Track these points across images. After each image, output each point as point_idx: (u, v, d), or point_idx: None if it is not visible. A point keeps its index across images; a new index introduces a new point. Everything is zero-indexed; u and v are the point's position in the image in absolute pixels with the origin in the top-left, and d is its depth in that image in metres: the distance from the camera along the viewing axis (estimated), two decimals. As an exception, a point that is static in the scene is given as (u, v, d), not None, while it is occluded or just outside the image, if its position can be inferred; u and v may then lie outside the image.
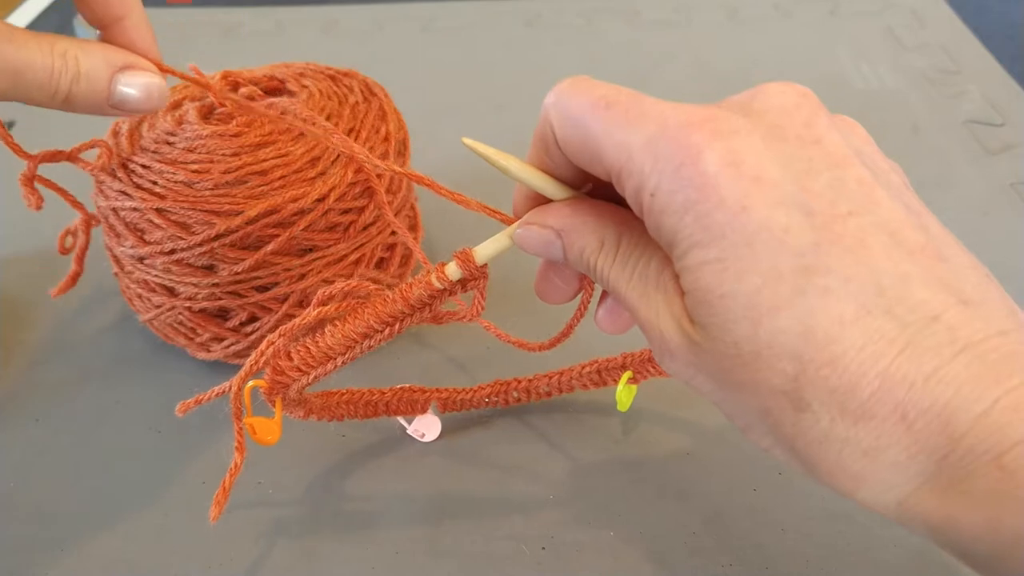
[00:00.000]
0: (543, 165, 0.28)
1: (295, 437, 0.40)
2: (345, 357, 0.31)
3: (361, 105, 0.45)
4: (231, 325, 0.43)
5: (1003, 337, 0.21)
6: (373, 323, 0.31)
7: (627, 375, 0.39)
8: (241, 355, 0.44)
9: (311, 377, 0.31)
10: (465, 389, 0.42)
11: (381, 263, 0.46)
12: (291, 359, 0.31)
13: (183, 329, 0.44)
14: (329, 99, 0.45)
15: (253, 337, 0.43)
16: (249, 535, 0.38)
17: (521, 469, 0.40)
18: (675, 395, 0.43)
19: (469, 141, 0.28)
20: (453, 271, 0.30)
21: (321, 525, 0.38)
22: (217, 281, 0.40)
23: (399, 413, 0.41)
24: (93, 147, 0.41)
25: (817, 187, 0.23)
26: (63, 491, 0.40)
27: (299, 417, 0.35)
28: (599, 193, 0.29)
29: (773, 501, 0.38)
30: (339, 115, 0.44)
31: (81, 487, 0.40)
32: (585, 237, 0.27)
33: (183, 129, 0.42)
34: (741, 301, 0.22)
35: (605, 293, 0.31)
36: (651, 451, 0.41)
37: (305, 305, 0.43)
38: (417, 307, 0.31)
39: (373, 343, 0.31)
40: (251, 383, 0.31)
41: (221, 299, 0.42)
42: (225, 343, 0.44)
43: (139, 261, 0.41)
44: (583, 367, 0.41)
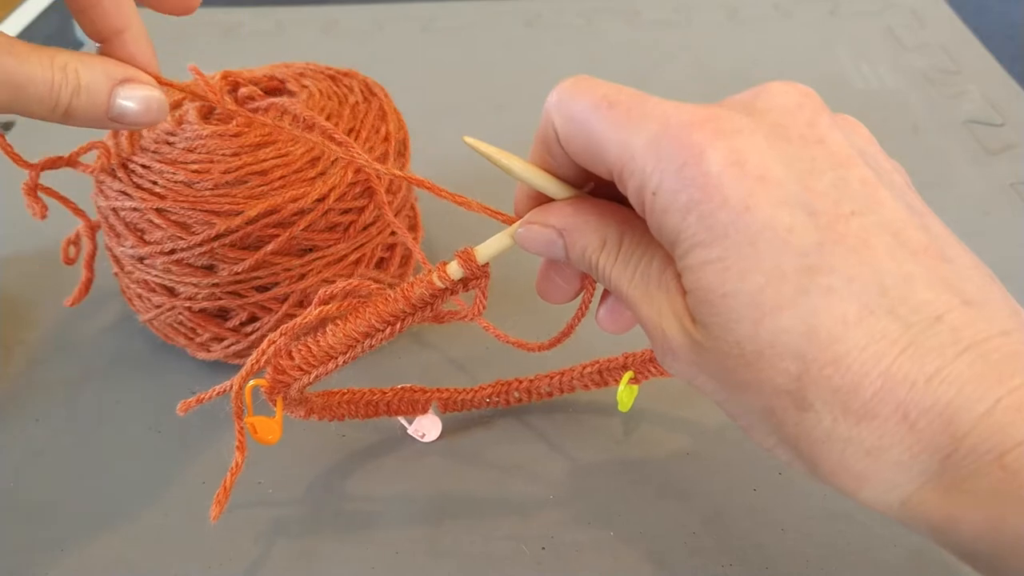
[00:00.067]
0: (545, 164, 0.28)
1: (295, 437, 0.40)
2: (346, 356, 0.31)
3: (361, 105, 0.45)
4: (231, 325, 0.43)
5: (1006, 337, 0.21)
6: (374, 322, 0.31)
7: (628, 375, 0.39)
8: (241, 355, 0.44)
9: (312, 376, 0.31)
10: (466, 389, 0.42)
11: (381, 263, 0.46)
12: (292, 358, 0.31)
13: (183, 329, 0.44)
14: (329, 99, 0.45)
15: (253, 337, 0.43)
16: (249, 535, 0.38)
17: (521, 469, 0.40)
18: (676, 395, 0.43)
19: (471, 140, 0.28)
20: (455, 270, 0.30)
21: (321, 525, 0.38)
22: (217, 281, 0.40)
23: (400, 413, 0.41)
24: (92, 149, 0.41)
25: (821, 187, 0.23)
26: (63, 491, 0.40)
27: (300, 416, 0.35)
28: (601, 192, 0.29)
29: (773, 501, 0.38)
30: (339, 115, 0.44)
31: (81, 487, 0.40)
32: (587, 236, 0.27)
33: (183, 129, 0.42)
34: (744, 300, 0.22)
35: (606, 292, 0.31)
36: (652, 451, 0.41)
37: (305, 305, 0.43)
38: (418, 306, 0.31)
39: (374, 342, 0.31)
40: (252, 382, 0.31)
41: (221, 299, 0.42)
42: (225, 343, 0.44)
43: (139, 261, 0.41)
44: (584, 367, 0.41)
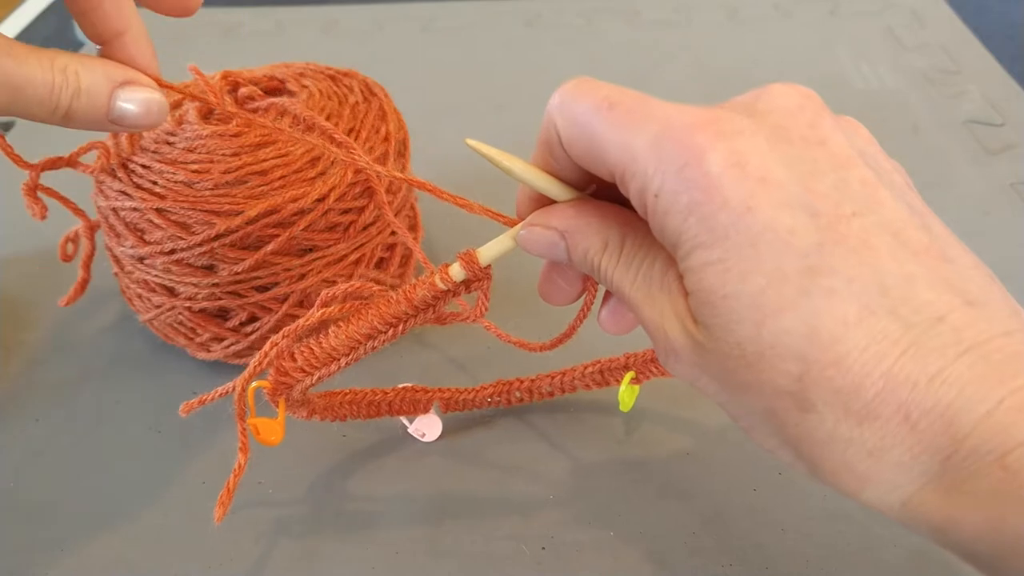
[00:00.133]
0: (547, 166, 0.28)
1: (296, 437, 0.40)
2: (349, 358, 0.31)
3: (361, 105, 0.45)
4: (231, 325, 0.43)
5: (1007, 338, 0.21)
6: (377, 324, 0.31)
7: (630, 375, 0.39)
8: (241, 355, 0.44)
9: (315, 378, 0.31)
10: (467, 389, 0.42)
11: (381, 263, 0.46)
12: (295, 360, 0.31)
13: (183, 329, 0.44)
14: (329, 99, 0.45)
15: (253, 337, 0.43)
16: (249, 535, 0.38)
17: (521, 469, 0.40)
18: (677, 395, 0.43)
19: (473, 142, 0.28)
20: (457, 272, 0.30)
21: (322, 525, 0.38)
22: (217, 281, 0.40)
23: (402, 413, 0.41)
24: (92, 150, 0.41)
25: (822, 188, 0.23)
26: (63, 491, 0.40)
27: (302, 417, 0.35)
28: (603, 194, 0.29)
29: (773, 501, 0.38)
30: (339, 115, 0.44)
31: (81, 487, 0.40)
32: (589, 238, 0.27)
33: (183, 129, 0.42)
34: (745, 302, 0.22)
35: (608, 294, 0.31)
36: (653, 451, 0.41)
37: (305, 305, 0.43)
38: (421, 308, 0.31)
39: (377, 344, 0.31)
40: (255, 384, 0.31)
41: (221, 299, 0.42)
42: (225, 343, 0.44)
43: (139, 261, 0.41)
44: (586, 367, 0.41)
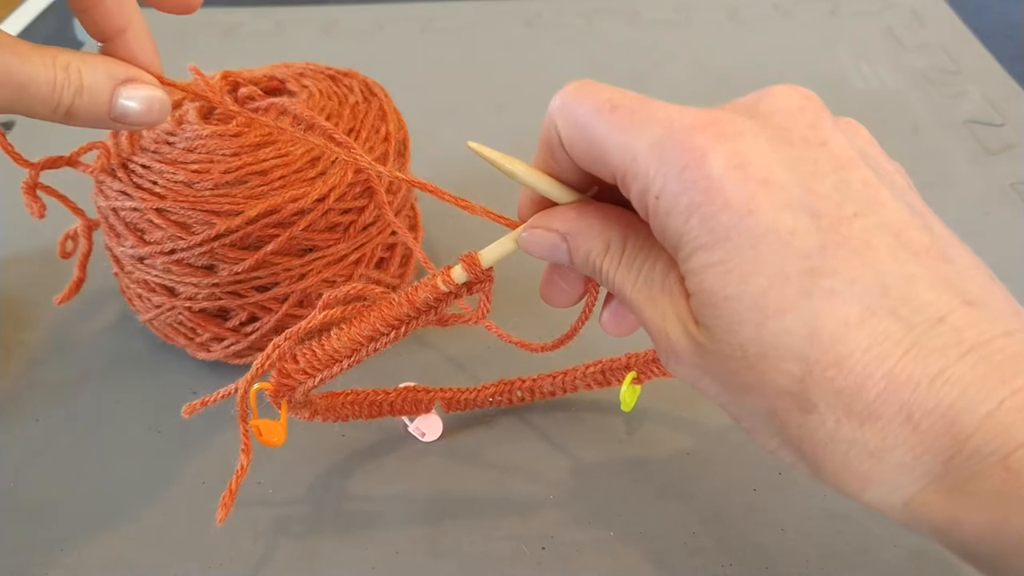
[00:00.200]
0: (549, 168, 0.28)
1: (295, 437, 0.39)
2: (351, 360, 0.31)
3: (361, 105, 0.45)
4: (231, 325, 0.43)
5: (1008, 338, 0.21)
6: (379, 326, 0.31)
7: (631, 375, 0.39)
8: (241, 355, 0.44)
9: (317, 380, 0.31)
10: (469, 389, 0.42)
11: (381, 263, 0.46)
12: (297, 362, 0.31)
13: (183, 329, 0.44)
14: (329, 99, 0.45)
15: (253, 337, 0.43)
16: (249, 535, 0.38)
17: (521, 469, 0.40)
18: (679, 395, 0.43)
19: (475, 145, 0.28)
20: (459, 274, 0.30)
21: (321, 525, 0.38)
22: (217, 281, 0.40)
23: (403, 413, 0.41)
24: (92, 149, 0.41)
25: (823, 189, 0.23)
26: (63, 491, 0.40)
27: (304, 418, 0.35)
28: (604, 196, 0.29)
29: (773, 501, 0.38)
30: (339, 115, 0.44)
31: (81, 487, 0.40)
32: (591, 240, 0.27)
33: (183, 129, 0.42)
34: (746, 303, 0.22)
35: (610, 296, 0.31)
36: (653, 451, 0.41)
37: (305, 305, 0.43)
38: (423, 310, 0.31)
39: (379, 346, 0.31)
40: (257, 385, 0.31)
41: (221, 299, 0.42)
42: (225, 343, 0.44)
43: (139, 261, 0.41)
44: (587, 367, 0.41)
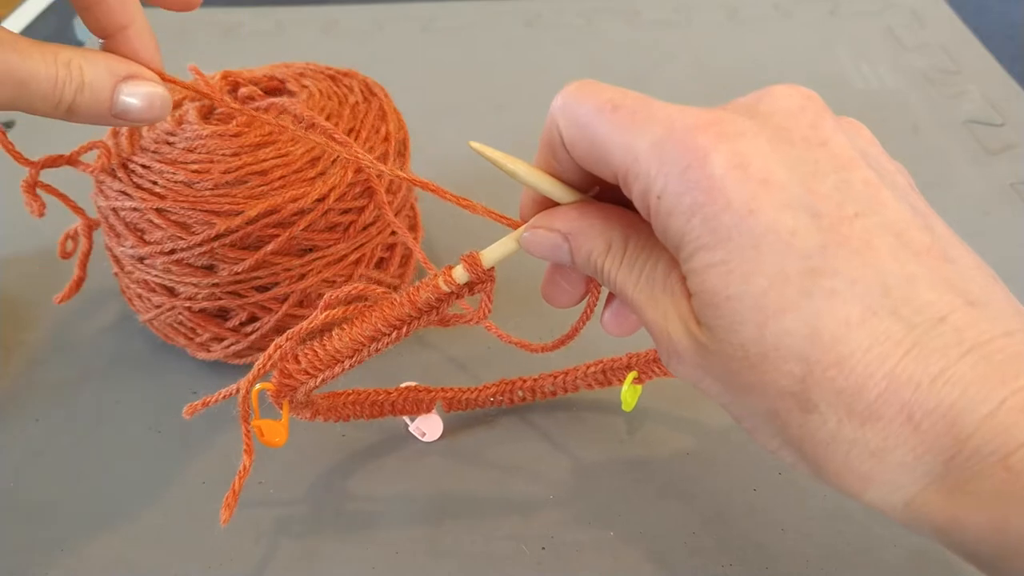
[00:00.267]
0: (550, 168, 0.28)
1: (296, 437, 0.39)
2: (352, 360, 0.31)
3: (361, 105, 0.45)
4: (231, 325, 0.43)
5: (1009, 338, 0.21)
6: (380, 326, 0.31)
7: (632, 375, 0.39)
8: (241, 355, 0.44)
9: (319, 380, 0.31)
10: (470, 389, 0.42)
11: (381, 263, 0.46)
12: (299, 362, 0.31)
13: (183, 329, 0.44)
14: (329, 99, 0.45)
15: (253, 337, 0.43)
16: (250, 535, 0.38)
17: (522, 469, 0.40)
18: (680, 395, 0.43)
19: (477, 145, 0.28)
20: (460, 274, 0.30)
21: (321, 525, 0.38)
22: (217, 281, 0.40)
23: (405, 413, 0.41)
24: (93, 149, 0.41)
25: (824, 189, 0.23)
26: (63, 491, 0.40)
27: (306, 419, 0.35)
28: (606, 196, 0.29)
29: (773, 501, 0.38)
30: (339, 115, 0.44)
31: (81, 487, 0.40)
32: (592, 240, 0.27)
33: (183, 129, 0.42)
34: (748, 303, 0.22)
35: (611, 296, 0.31)
36: (654, 451, 0.41)
37: (305, 305, 0.43)
38: (424, 310, 0.31)
39: (380, 346, 0.31)
40: (259, 386, 0.31)
41: (221, 299, 0.42)
42: (225, 343, 0.44)
43: (139, 261, 0.41)
44: (588, 367, 0.41)
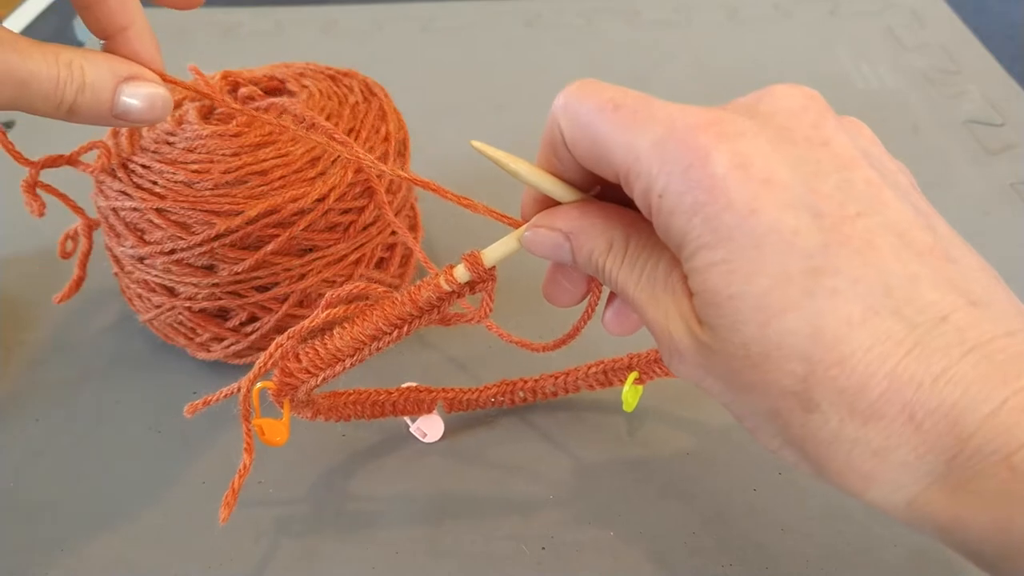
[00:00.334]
0: (552, 168, 0.28)
1: (297, 436, 0.39)
2: (354, 359, 0.31)
3: (361, 105, 0.45)
4: (231, 325, 0.43)
5: (1011, 338, 0.21)
6: (382, 325, 0.31)
7: (633, 376, 0.39)
8: (241, 355, 0.44)
9: (320, 379, 0.31)
10: (471, 389, 0.42)
11: (381, 263, 0.46)
12: (300, 361, 0.31)
13: (183, 329, 0.44)
14: (329, 99, 0.45)
15: (253, 337, 0.43)
16: (250, 535, 0.38)
17: (522, 469, 0.40)
18: (681, 394, 0.43)
19: (478, 144, 0.28)
20: (462, 273, 0.30)
21: (322, 524, 0.38)
22: (217, 281, 0.40)
23: (406, 413, 0.41)
24: (93, 149, 0.41)
25: (826, 189, 0.23)
26: (63, 491, 0.40)
27: (307, 418, 0.35)
28: (607, 195, 0.29)
29: (773, 501, 0.38)
30: (339, 115, 0.44)
31: (81, 487, 0.40)
32: (594, 239, 0.27)
33: (183, 129, 0.42)
34: (750, 302, 0.22)
35: (612, 295, 0.31)
36: (655, 451, 0.41)
37: (305, 305, 0.43)
38: (425, 309, 0.31)
39: (381, 345, 0.31)
40: (260, 384, 0.31)
41: (221, 299, 0.42)
42: (225, 343, 0.44)
43: (139, 261, 0.41)
44: (589, 367, 0.41)
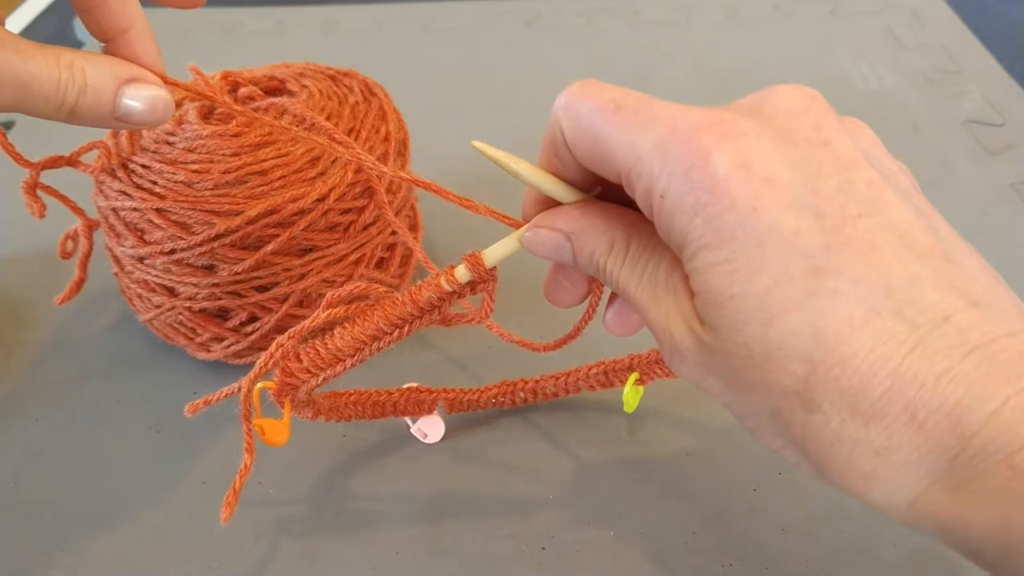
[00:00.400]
0: (553, 168, 0.28)
1: (297, 436, 0.39)
2: (354, 359, 0.31)
3: (361, 105, 0.45)
4: (231, 325, 0.43)
5: (1012, 338, 0.21)
6: (382, 326, 0.31)
7: (634, 376, 0.39)
8: (241, 355, 0.44)
9: (320, 379, 0.31)
10: (472, 390, 0.42)
11: (381, 263, 0.46)
12: (300, 361, 0.31)
13: (183, 329, 0.44)
14: (329, 99, 0.45)
15: (253, 337, 0.43)
16: (250, 534, 0.38)
17: (522, 469, 0.40)
18: (681, 394, 0.43)
19: (479, 144, 0.28)
20: (463, 274, 0.30)
21: (322, 524, 0.38)
22: (217, 281, 0.40)
23: (406, 413, 0.41)
24: (93, 149, 0.41)
25: (827, 189, 0.23)
26: (63, 491, 0.40)
27: (307, 418, 0.35)
28: (609, 196, 0.29)
29: (773, 501, 0.38)
30: (339, 115, 0.44)
31: (81, 487, 0.40)
32: (595, 239, 0.27)
33: (183, 129, 0.42)
34: (751, 302, 0.22)
35: (613, 296, 0.31)
36: (655, 451, 0.41)
37: (305, 305, 0.43)
38: (426, 309, 0.31)
39: (382, 345, 0.31)
40: (260, 384, 0.31)
41: (221, 299, 0.42)
42: (225, 343, 0.44)
43: (139, 261, 0.41)
44: (590, 368, 0.41)
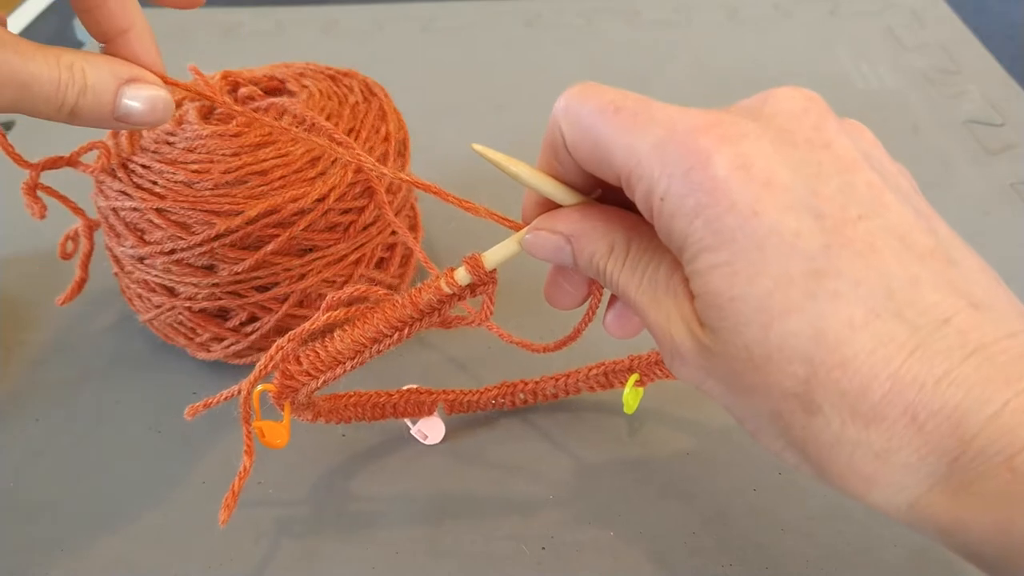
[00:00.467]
0: (553, 170, 0.28)
1: (297, 438, 0.39)
2: (354, 362, 0.31)
3: (361, 105, 0.45)
4: (231, 325, 0.43)
5: (1013, 340, 0.21)
6: (382, 328, 0.31)
7: (634, 378, 0.39)
8: (241, 355, 0.44)
9: (320, 381, 0.31)
10: (472, 391, 0.42)
11: (381, 263, 0.46)
12: (300, 363, 0.31)
13: (183, 329, 0.44)
14: (329, 99, 0.45)
15: (253, 337, 0.43)
16: (250, 535, 0.38)
17: (522, 469, 0.40)
18: (681, 395, 0.43)
19: (479, 147, 0.28)
20: (463, 276, 0.30)
21: (322, 525, 0.38)
22: (217, 281, 0.40)
23: (406, 415, 0.41)
24: (92, 149, 0.41)
25: (827, 191, 0.23)
26: (63, 491, 0.40)
27: (307, 420, 0.35)
28: (608, 198, 0.29)
29: (773, 501, 0.38)
30: (339, 115, 0.44)
31: (81, 487, 0.40)
32: (595, 242, 0.27)
33: (183, 129, 0.42)
34: (752, 304, 0.22)
35: (614, 298, 0.31)
36: (655, 451, 0.41)
37: (305, 305, 0.43)
38: (426, 312, 0.31)
39: (382, 347, 0.31)
40: (260, 387, 0.31)
41: (221, 299, 0.42)
42: (225, 343, 0.44)
43: (139, 261, 0.41)
44: (590, 369, 0.41)
